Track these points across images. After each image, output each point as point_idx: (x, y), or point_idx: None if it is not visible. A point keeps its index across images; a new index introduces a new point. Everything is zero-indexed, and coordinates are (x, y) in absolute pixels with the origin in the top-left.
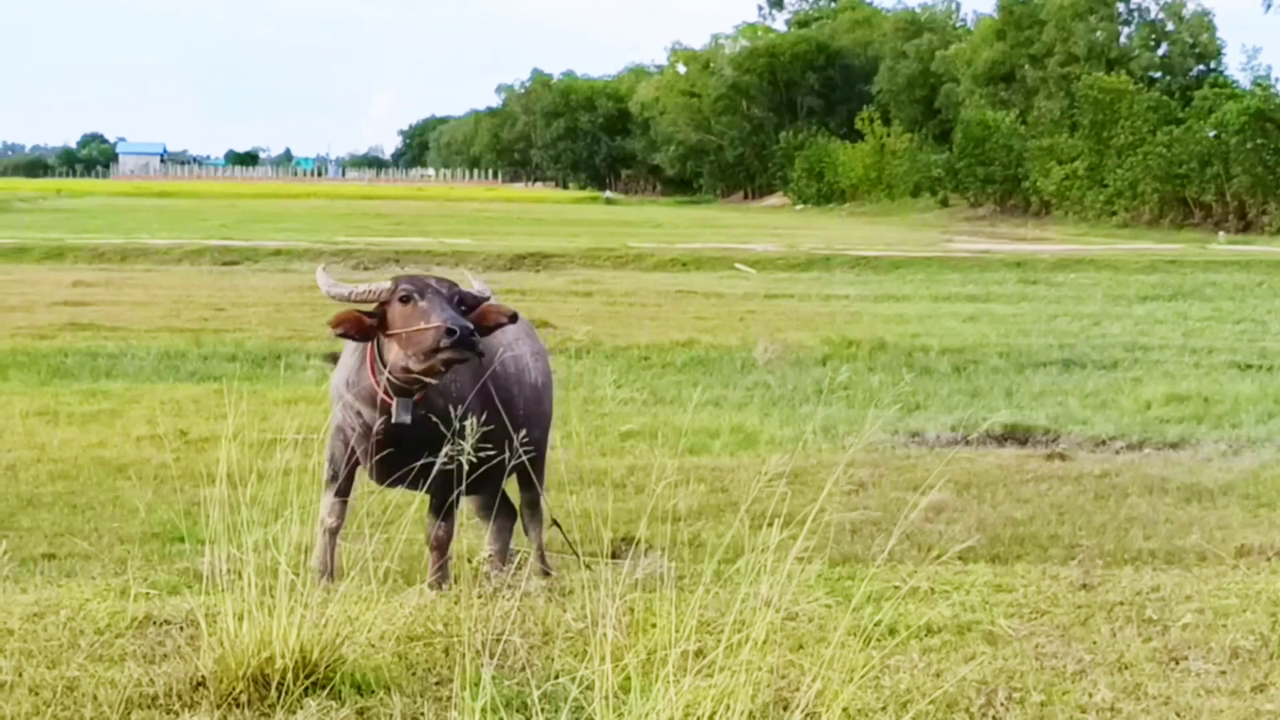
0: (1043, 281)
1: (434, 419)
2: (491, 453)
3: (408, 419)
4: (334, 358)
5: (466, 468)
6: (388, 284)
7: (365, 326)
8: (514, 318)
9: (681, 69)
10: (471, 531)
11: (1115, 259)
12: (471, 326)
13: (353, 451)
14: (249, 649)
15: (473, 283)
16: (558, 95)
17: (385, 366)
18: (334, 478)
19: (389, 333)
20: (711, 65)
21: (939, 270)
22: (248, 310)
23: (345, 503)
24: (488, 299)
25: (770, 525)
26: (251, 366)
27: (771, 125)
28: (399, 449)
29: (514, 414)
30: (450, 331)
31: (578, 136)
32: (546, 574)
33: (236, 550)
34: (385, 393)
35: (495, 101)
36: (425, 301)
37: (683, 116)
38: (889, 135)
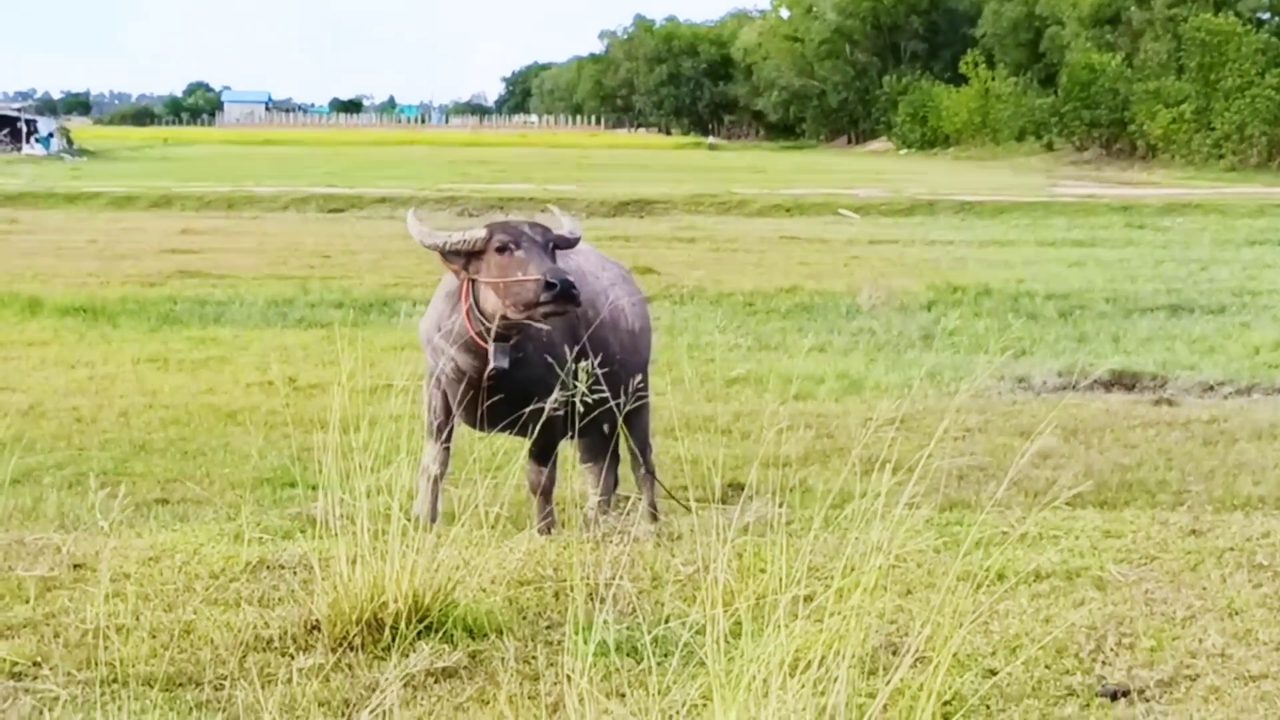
0: (1149, 226)
1: (531, 363)
2: (591, 399)
3: (505, 364)
4: None
5: (564, 414)
6: (482, 232)
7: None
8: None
9: (785, 13)
10: (581, 478)
11: (1223, 203)
12: (570, 279)
13: (449, 398)
14: (362, 593)
15: (562, 221)
16: (660, 41)
17: (481, 313)
18: (433, 426)
19: (486, 280)
20: (814, 9)
21: (1044, 215)
22: (354, 257)
23: (448, 449)
24: (578, 240)
25: (879, 471)
26: (359, 313)
27: (875, 70)
28: (497, 395)
29: (611, 359)
30: (550, 285)
31: (680, 82)
32: (654, 519)
33: (349, 496)
34: (480, 338)
35: (598, 48)
36: (522, 251)
37: (786, 61)
38: (993, 79)
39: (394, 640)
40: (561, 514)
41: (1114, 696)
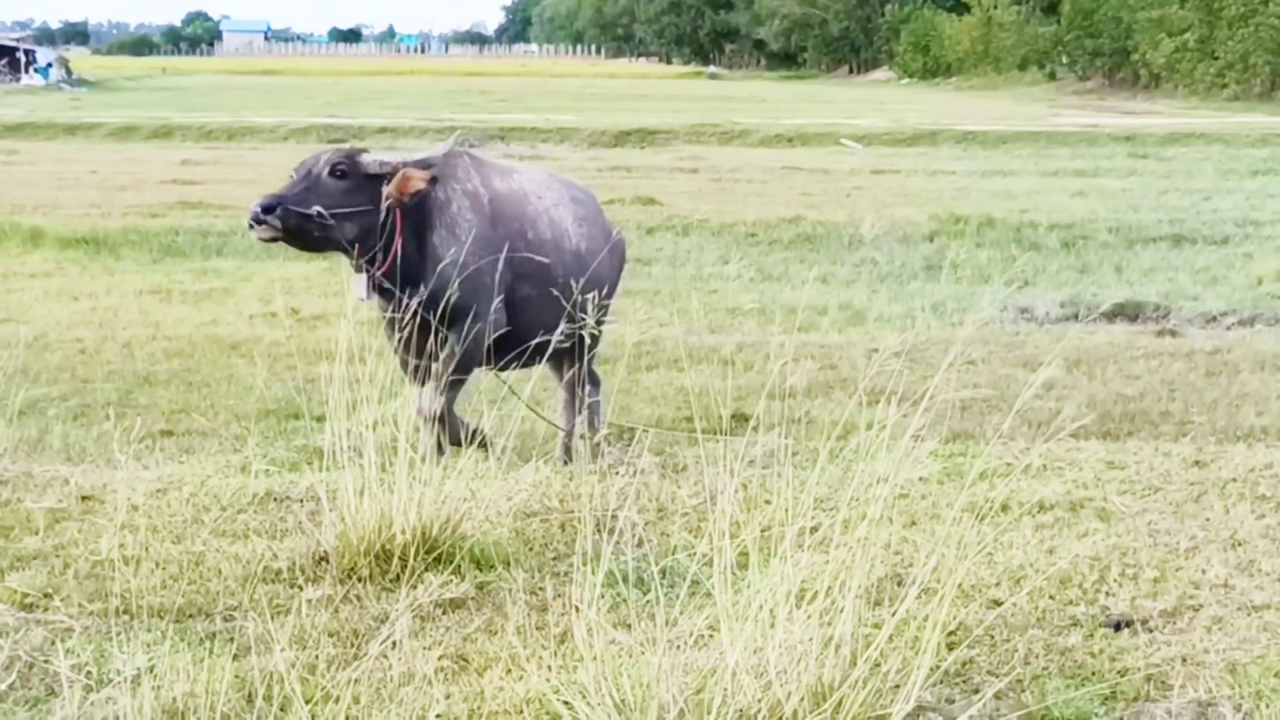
0: (1152, 156)
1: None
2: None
3: (363, 295)
4: None
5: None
6: None
7: None
8: (433, 180)
9: None
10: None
11: (1226, 132)
12: (263, 204)
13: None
14: (370, 525)
15: (430, 152)
16: None
17: None
18: (402, 369)
19: None
20: None
21: (1047, 145)
22: None
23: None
24: (395, 167)
25: (884, 403)
26: None
27: None
28: (411, 330)
29: (550, 281)
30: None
31: (681, 11)
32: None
33: (355, 427)
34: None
35: None
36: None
37: None
38: (996, 7)
39: (402, 571)
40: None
41: (1118, 626)
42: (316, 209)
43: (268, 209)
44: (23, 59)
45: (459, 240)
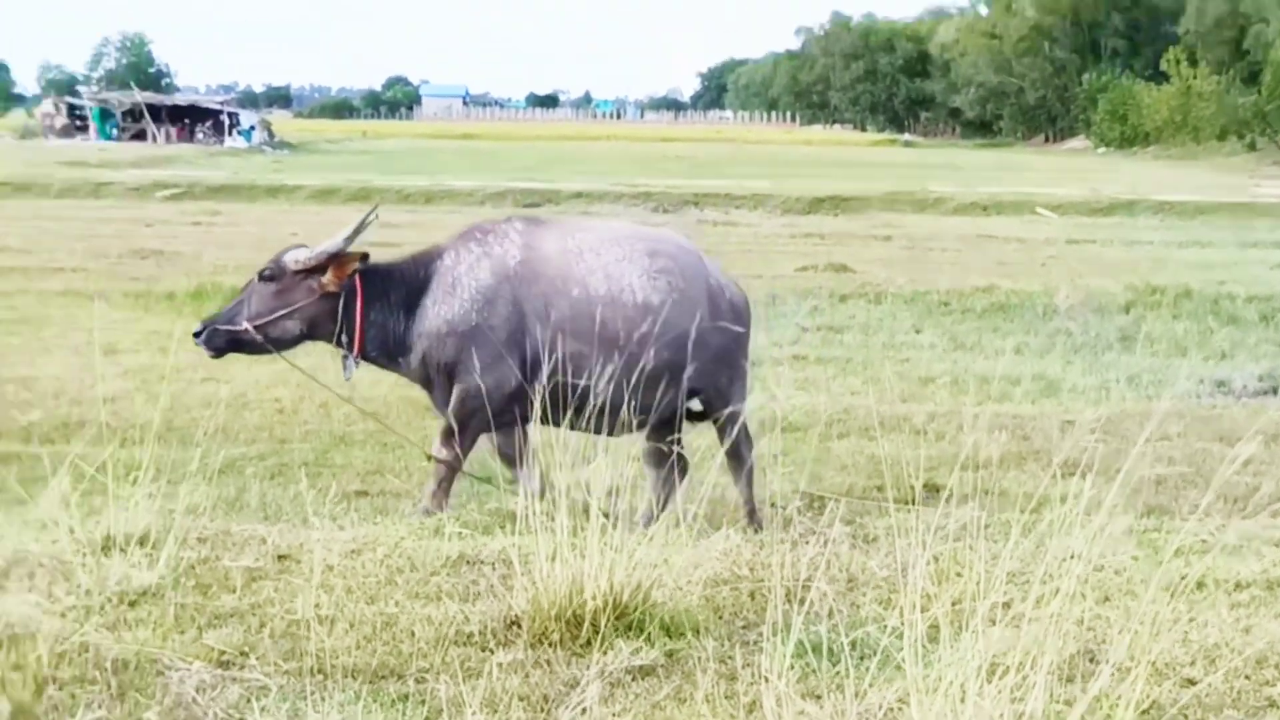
0: None
1: (426, 355)
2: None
3: (346, 376)
4: None
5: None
6: None
7: None
8: (364, 257)
9: (983, 10)
10: (784, 477)
11: None
12: (195, 330)
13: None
14: (561, 590)
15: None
16: (857, 37)
17: None
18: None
19: None
20: (1013, 6)
21: (1246, 216)
22: None
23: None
24: (319, 259)
25: (1079, 476)
26: None
27: (1074, 67)
28: (430, 388)
29: (605, 337)
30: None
31: (877, 79)
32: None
33: (548, 491)
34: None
35: (794, 44)
36: None
37: (983, 58)
38: (1195, 77)
39: (593, 637)
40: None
41: None
42: (245, 325)
43: (196, 334)
44: (226, 122)
45: (458, 299)
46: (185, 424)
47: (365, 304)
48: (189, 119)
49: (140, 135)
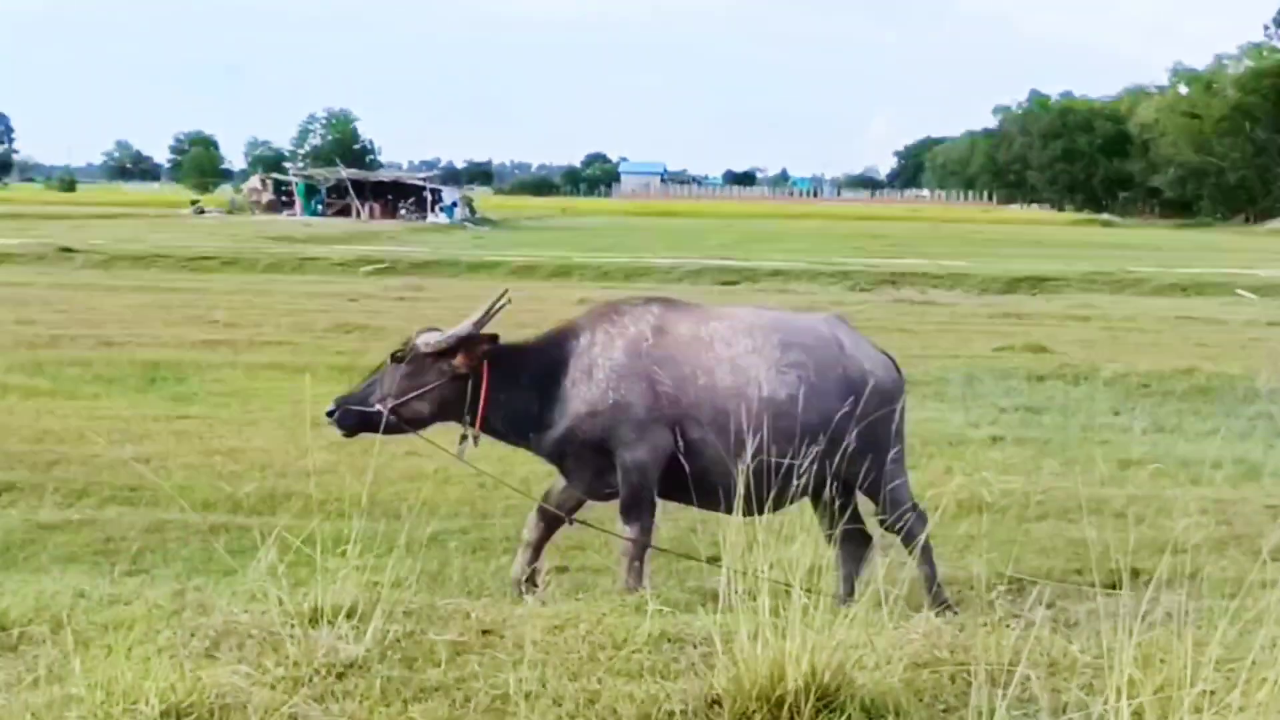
0: None
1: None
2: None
3: (460, 455)
4: None
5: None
6: None
7: None
8: (493, 339)
9: (1183, 90)
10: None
11: None
12: (328, 409)
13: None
14: (763, 670)
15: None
16: (1055, 116)
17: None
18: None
19: None
20: (1214, 86)
21: None
22: None
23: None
24: (450, 342)
25: None
26: None
27: (1276, 148)
28: (556, 461)
29: (728, 428)
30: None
31: (1075, 158)
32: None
33: (750, 571)
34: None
35: (991, 122)
36: None
37: (1183, 138)
38: None
39: (794, 718)
40: (959, 595)
41: None
42: (377, 405)
43: (329, 413)
44: (429, 198)
45: (595, 381)
46: (389, 498)
47: (492, 385)
48: (392, 195)
49: (345, 211)
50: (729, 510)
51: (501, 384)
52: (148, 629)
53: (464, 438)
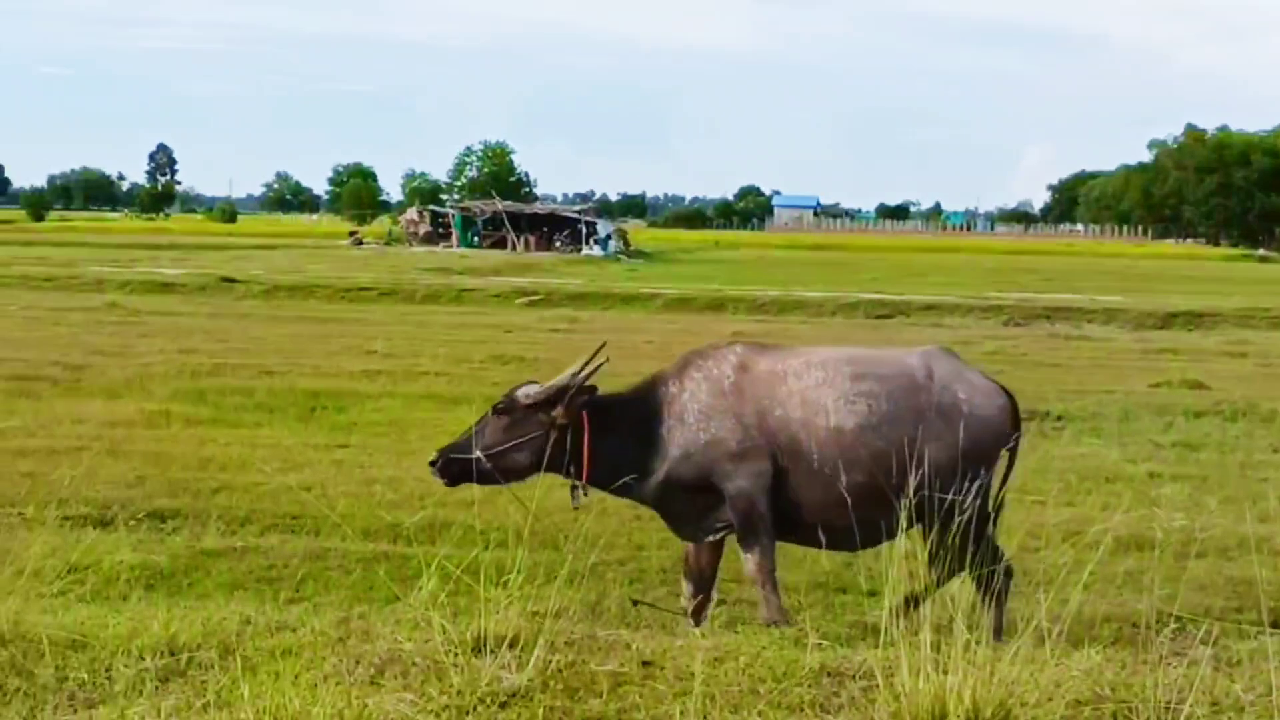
0: None
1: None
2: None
3: (575, 504)
4: None
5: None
6: None
7: None
8: (591, 390)
9: None
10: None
11: None
12: (435, 458)
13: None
14: (924, 705)
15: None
16: (1211, 150)
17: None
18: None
19: None
20: None
21: None
22: None
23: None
24: (549, 393)
25: None
26: None
27: None
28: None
29: (801, 458)
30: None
31: (1231, 192)
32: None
33: (913, 605)
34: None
35: (1146, 156)
36: None
37: None
38: None
39: None
40: (1119, 632)
41: None
42: (476, 454)
43: (432, 462)
44: (584, 230)
45: (686, 425)
46: (547, 528)
47: (593, 436)
48: (547, 227)
49: (500, 243)
50: (813, 542)
51: (599, 435)
52: (314, 656)
53: (574, 488)
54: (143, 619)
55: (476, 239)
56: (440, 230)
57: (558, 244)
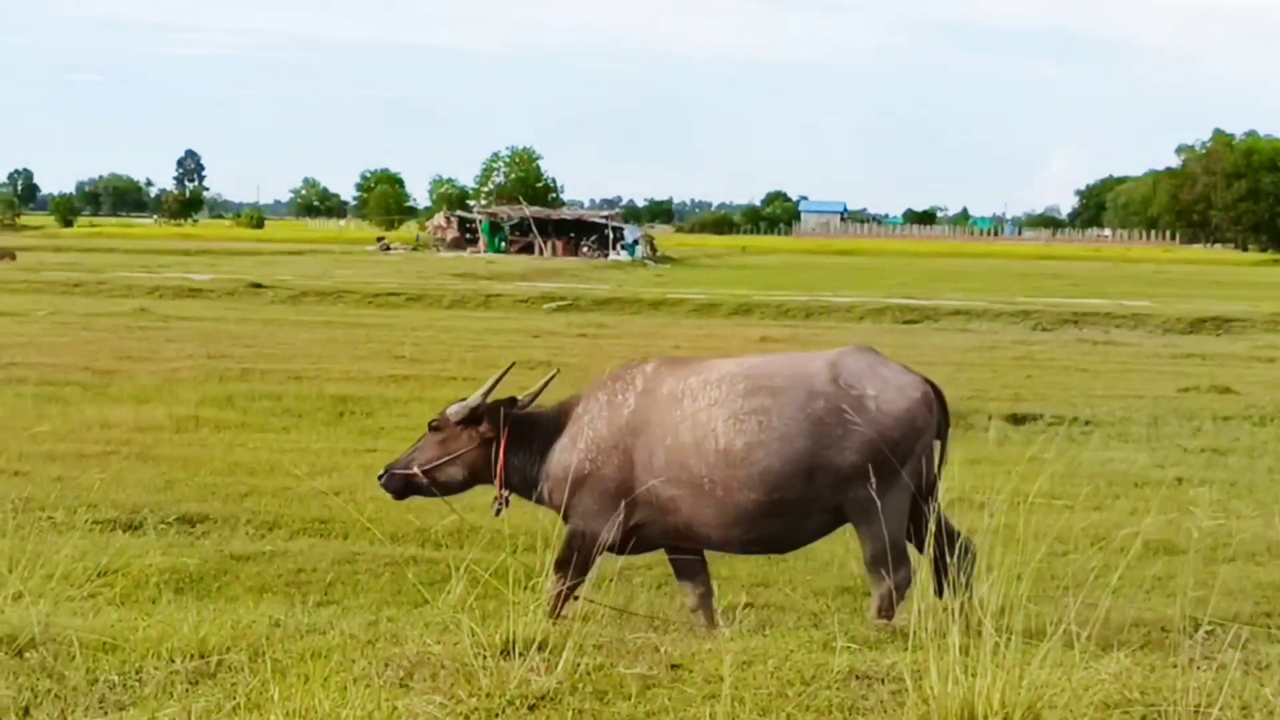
0: None
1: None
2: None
3: (496, 513)
4: None
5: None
6: None
7: None
8: (511, 404)
9: None
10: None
11: None
12: (382, 474)
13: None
14: (952, 708)
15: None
16: (1240, 156)
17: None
18: None
19: None
20: None
21: None
22: (930, 369)
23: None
24: (473, 409)
25: None
26: None
27: None
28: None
29: (692, 482)
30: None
31: (1259, 198)
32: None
33: (941, 609)
34: None
35: (1174, 161)
36: None
37: None
38: None
39: None
40: (1147, 636)
41: None
42: (415, 470)
43: (380, 477)
44: (611, 236)
45: (577, 449)
46: None
47: (509, 448)
48: (574, 233)
49: (528, 248)
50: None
51: (514, 447)
52: (343, 658)
53: (496, 498)
54: (173, 622)
55: (504, 244)
56: (467, 236)
57: (585, 249)
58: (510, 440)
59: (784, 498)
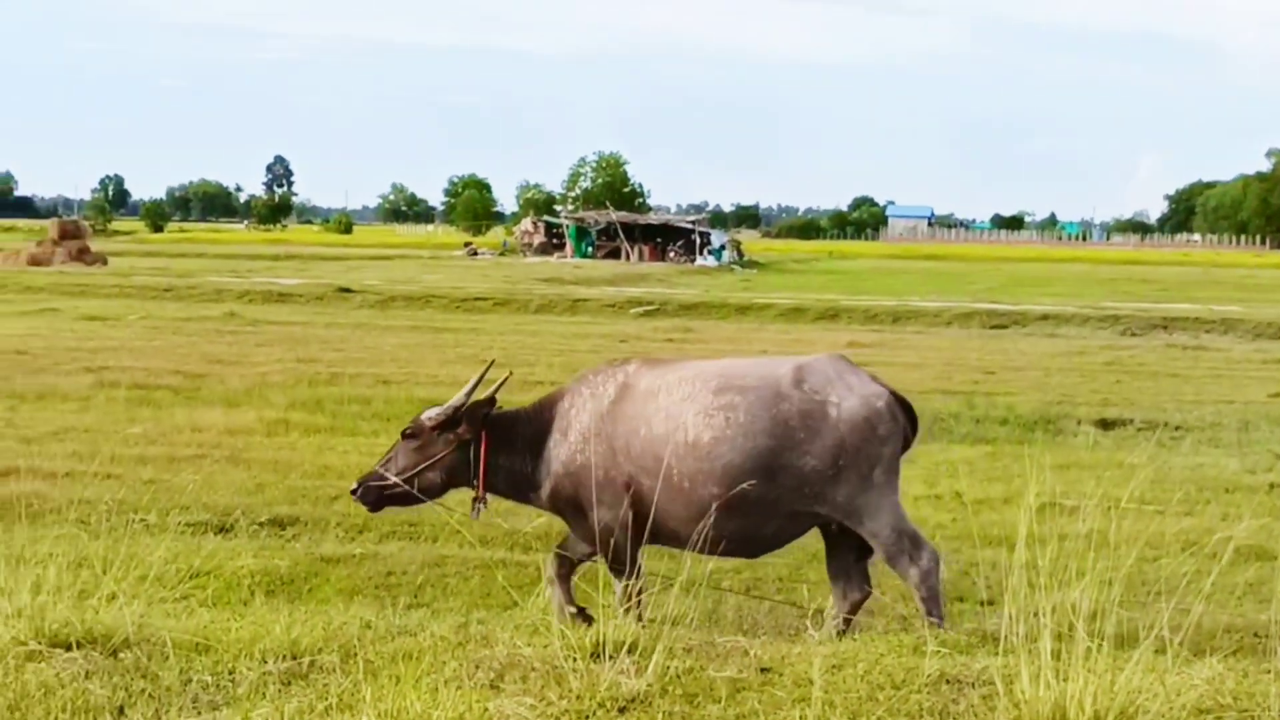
0: None
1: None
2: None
3: (473, 516)
4: None
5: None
6: None
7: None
8: (490, 405)
9: None
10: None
11: None
12: (355, 486)
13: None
14: (1044, 712)
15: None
16: None
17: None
18: None
19: None
20: None
21: None
22: (1018, 374)
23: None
24: (449, 413)
25: None
26: (1022, 430)
27: None
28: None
29: (666, 476)
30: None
31: None
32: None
33: (1032, 614)
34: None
35: (1265, 165)
36: None
37: None
38: None
39: None
40: (1240, 642)
41: None
42: (391, 479)
43: (353, 490)
44: (697, 241)
45: (569, 442)
46: None
47: (490, 449)
48: (661, 238)
49: (614, 253)
50: (703, 550)
51: (496, 448)
52: (434, 660)
53: (475, 499)
54: (265, 623)
55: (591, 249)
56: (554, 241)
57: (671, 254)
58: (491, 441)
59: (745, 495)
